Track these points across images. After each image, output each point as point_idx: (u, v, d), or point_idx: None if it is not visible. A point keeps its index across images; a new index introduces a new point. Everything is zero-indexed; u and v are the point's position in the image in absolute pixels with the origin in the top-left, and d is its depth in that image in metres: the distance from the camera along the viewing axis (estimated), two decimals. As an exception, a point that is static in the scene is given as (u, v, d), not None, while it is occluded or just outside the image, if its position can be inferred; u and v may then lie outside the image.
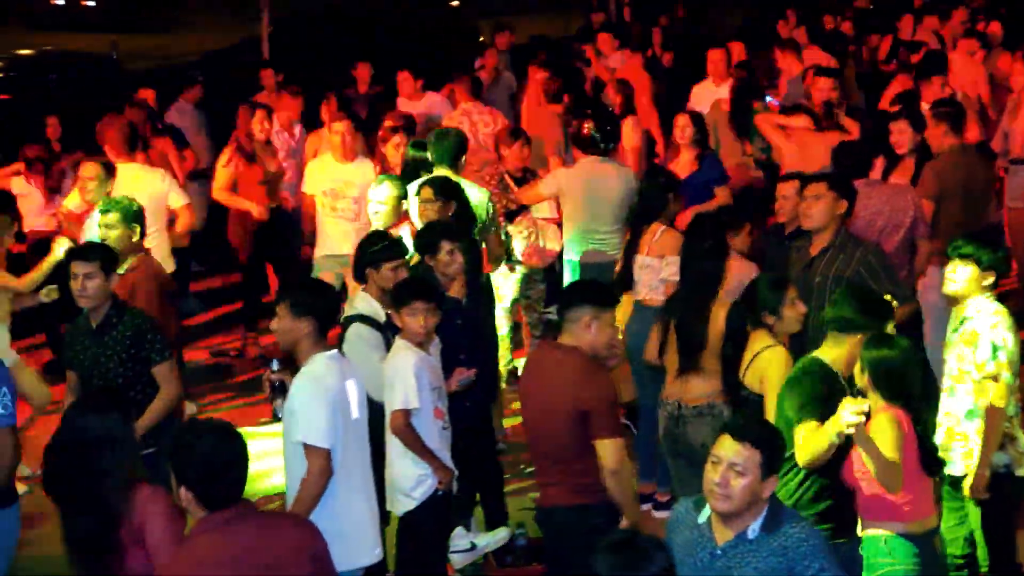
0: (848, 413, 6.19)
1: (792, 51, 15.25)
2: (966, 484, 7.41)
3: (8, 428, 7.14)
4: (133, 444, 6.19)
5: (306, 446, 6.73)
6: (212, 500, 5.30)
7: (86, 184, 10.23)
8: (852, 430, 6.21)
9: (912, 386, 6.59)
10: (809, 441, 6.53)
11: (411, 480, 7.65)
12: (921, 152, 10.64)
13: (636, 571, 4.61)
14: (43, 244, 10.82)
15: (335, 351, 6.99)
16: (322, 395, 6.75)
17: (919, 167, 10.50)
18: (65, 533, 6.05)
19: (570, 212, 10.88)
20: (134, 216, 9.10)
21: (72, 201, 10.91)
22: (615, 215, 10.60)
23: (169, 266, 10.58)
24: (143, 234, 9.23)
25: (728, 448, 5.29)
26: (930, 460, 6.56)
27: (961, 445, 7.48)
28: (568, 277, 10.74)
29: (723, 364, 7.90)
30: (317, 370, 6.81)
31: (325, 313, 6.94)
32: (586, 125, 10.94)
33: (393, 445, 7.63)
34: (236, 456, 5.40)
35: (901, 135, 10.58)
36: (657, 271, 9.30)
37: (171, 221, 11.03)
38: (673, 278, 9.05)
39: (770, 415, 7.36)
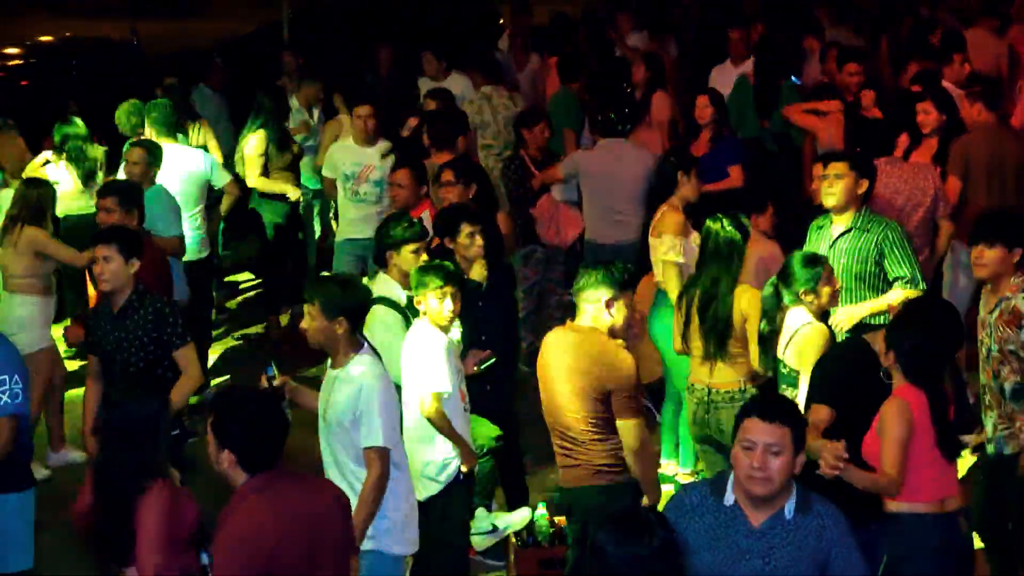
0: (827, 462, 6.10)
1: (815, 32, 15.22)
2: (1022, 462, 7.41)
3: (8, 416, 7.21)
4: (167, 433, 6.38)
5: (373, 449, 6.72)
6: (253, 463, 5.44)
7: (132, 168, 10.28)
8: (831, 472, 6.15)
9: (940, 368, 6.57)
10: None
11: (437, 464, 7.68)
12: (945, 131, 10.60)
13: (639, 544, 4.66)
14: (81, 228, 10.86)
15: (369, 348, 6.93)
16: (383, 398, 6.75)
17: (943, 146, 10.46)
18: (100, 516, 6.16)
19: (589, 193, 10.93)
20: (132, 199, 9.16)
21: None
22: (634, 196, 10.63)
23: (206, 249, 10.64)
24: (142, 217, 9.27)
25: (761, 431, 5.22)
26: (948, 444, 6.50)
27: (1005, 426, 7.47)
28: (590, 258, 10.75)
29: (760, 343, 7.88)
30: (369, 374, 6.76)
31: (358, 310, 6.90)
32: (606, 107, 10.95)
33: (416, 430, 7.63)
34: (277, 421, 5.55)
35: (926, 115, 10.57)
36: (655, 250, 9.36)
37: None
38: (666, 257, 9.06)
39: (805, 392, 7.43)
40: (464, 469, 7.77)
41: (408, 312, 8.08)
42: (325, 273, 11.67)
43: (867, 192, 8.67)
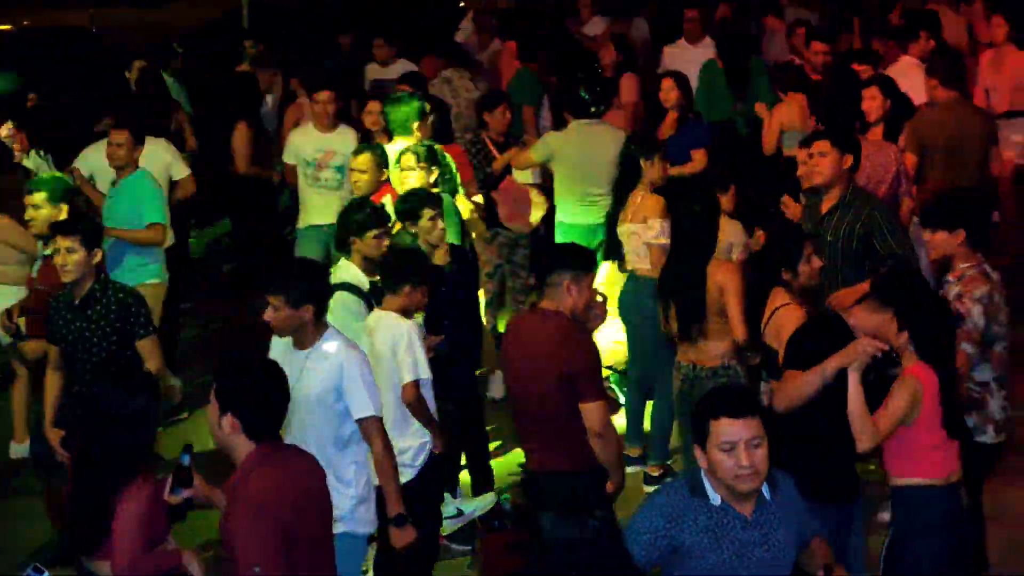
0: (864, 348, 6.21)
1: (774, 11, 15.25)
2: None
3: None
4: (155, 424, 6.37)
5: (370, 420, 6.81)
6: (256, 429, 5.45)
7: (116, 151, 10.21)
8: (856, 366, 6.23)
9: (952, 347, 6.61)
10: (792, 383, 6.52)
11: (412, 449, 7.66)
12: (891, 117, 10.57)
13: (577, 527, 4.65)
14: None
15: (334, 329, 6.96)
16: (366, 369, 6.85)
17: (890, 132, 10.44)
18: (71, 506, 6.16)
19: (563, 175, 10.87)
20: (62, 195, 9.11)
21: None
22: (608, 177, 10.59)
23: (168, 239, 10.61)
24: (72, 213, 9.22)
25: (738, 429, 5.15)
26: (955, 422, 6.53)
27: None
28: (560, 239, 10.73)
29: (746, 321, 7.95)
30: (345, 349, 6.84)
31: (323, 294, 6.97)
32: (580, 87, 10.93)
33: (392, 418, 7.57)
34: (282, 387, 5.56)
35: (872, 101, 10.49)
36: (641, 236, 9.30)
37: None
38: (656, 240, 9.05)
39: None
40: (436, 452, 7.78)
41: (371, 298, 8.06)
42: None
43: (853, 167, 8.68)
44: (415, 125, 10.30)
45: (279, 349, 6.95)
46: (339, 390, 6.74)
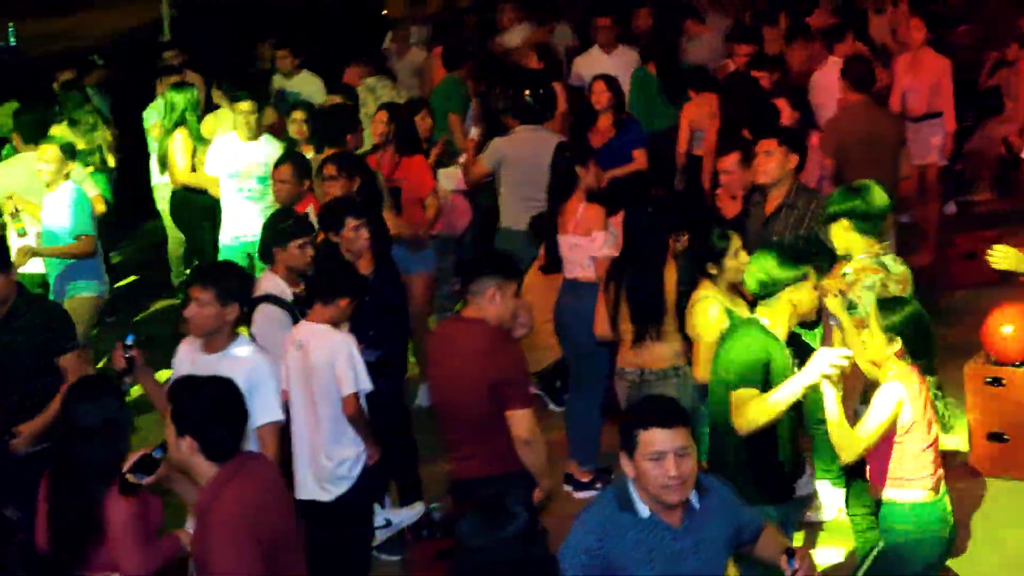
0: (827, 361, 6.16)
1: (696, 16, 15.32)
2: None
3: None
4: (127, 430, 6.35)
5: (272, 424, 6.84)
6: (215, 449, 5.41)
7: (44, 170, 10.12)
8: (825, 381, 6.20)
9: (933, 345, 6.62)
10: (755, 406, 6.41)
11: (350, 461, 7.65)
12: (802, 125, 10.62)
13: (496, 531, 4.62)
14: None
15: (244, 336, 6.99)
16: (274, 376, 6.88)
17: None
18: (53, 521, 6.09)
19: (509, 181, 10.83)
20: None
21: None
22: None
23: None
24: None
25: (666, 438, 5.11)
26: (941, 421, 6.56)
27: None
28: (503, 245, 10.72)
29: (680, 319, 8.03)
30: (257, 353, 6.91)
31: (247, 299, 7.06)
32: (526, 94, 10.93)
33: (330, 431, 7.60)
34: (238, 405, 5.53)
35: (781, 113, 10.46)
36: (586, 249, 9.23)
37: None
38: (602, 253, 9.06)
39: (699, 365, 7.65)
40: (371, 463, 7.77)
41: (295, 309, 8.03)
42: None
43: (799, 167, 8.72)
44: (348, 136, 10.30)
45: (185, 356, 6.95)
46: (249, 394, 6.70)
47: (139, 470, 5.80)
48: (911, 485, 6.42)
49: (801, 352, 6.67)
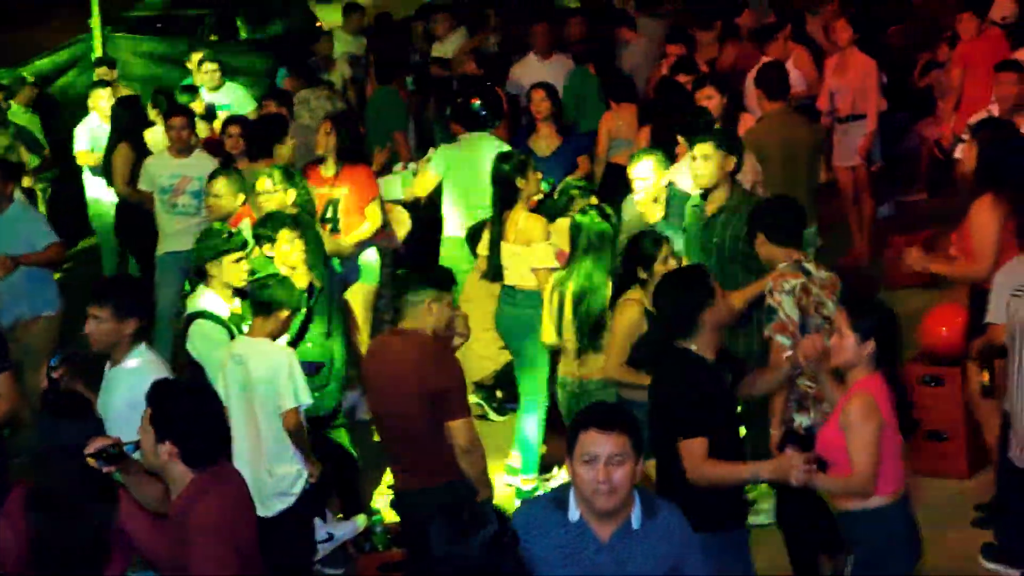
0: (799, 472, 6.09)
1: (627, 22, 15.36)
2: None
3: None
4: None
5: None
6: (195, 456, 5.37)
7: None
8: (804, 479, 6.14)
9: (901, 346, 6.61)
10: (717, 471, 6.26)
11: (291, 476, 7.64)
12: (728, 116, 10.65)
13: (466, 540, 4.55)
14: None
15: (146, 345, 6.93)
16: None
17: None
18: (48, 544, 5.92)
19: (455, 189, 10.80)
20: None
21: None
22: None
23: None
24: None
25: (601, 442, 5.01)
26: (907, 426, 6.48)
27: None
28: (447, 253, 10.72)
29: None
30: (147, 364, 6.78)
31: (146, 311, 6.98)
32: (473, 100, 10.91)
33: (271, 447, 7.58)
34: (219, 412, 5.51)
35: (710, 100, 10.45)
36: (526, 260, 9.23)
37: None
38: (542, 264, 9.05)
39: (609, 362, 7.74)
40: (312, 480, 7.75)
41: (231, 326, 7.99)
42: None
43: (736, 169, 8.73)
44: (275, 146, 10.27)
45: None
46: (132, 408, 6.60)
47: (100, 457, 5.73)
48: (887, 489, 6.35)
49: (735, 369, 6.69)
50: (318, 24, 19.14)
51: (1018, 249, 7.70)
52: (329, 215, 10.29)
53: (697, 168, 8.64)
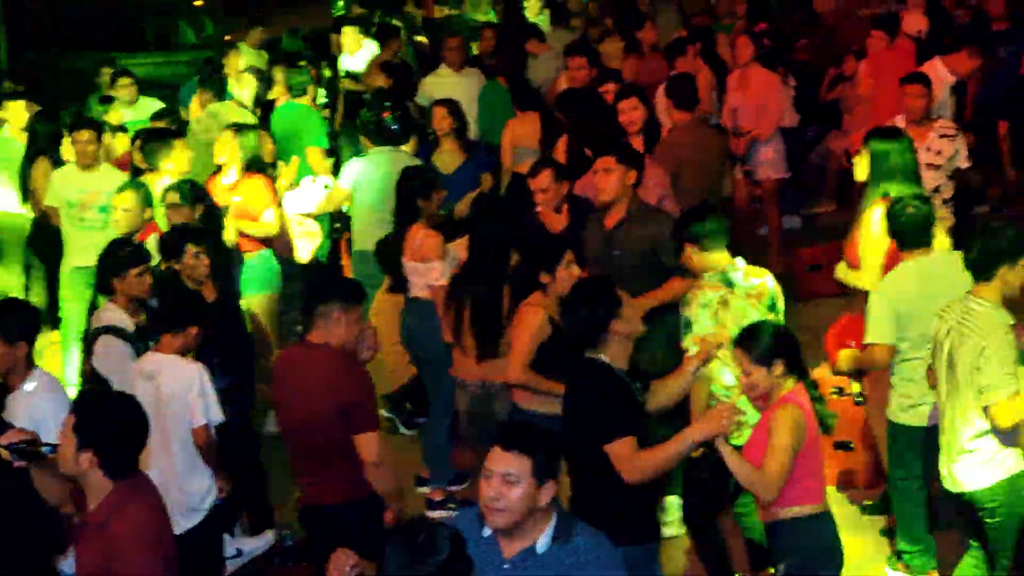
0: (727, 421, 6.14)
1: (536, 36, 15.42)
2: None
3: None
4: None
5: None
6: (115, 465, 5.39)
7: None
8: (720, 440, 6.18)
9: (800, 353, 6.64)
10: (649, 456, 6.29)
11: (202, 492, 7.62)
12: (647, 128, 10.70)
13: (421, 561, 4.51)
14: None
15: (42, 370, 6.98)
16: (61, 408, 6.64)
17: (650, 143, 10.57)
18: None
19: (364, 203, 10.78)
20: None
21: None
22: None
23: None
24: None
25: (498, 459, 5.01)
26: (822, 422, 6.57)
27: None
28: (356, 267, 10.70)
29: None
30: (44, 386, 6.83)
31: (35, 331, 7.00)
32: (384, 115, 10.88)
33: (182, 462, 7.55)
34: (141, 422, 5.50)
35: (634, 112, 10.49)
36: (424, 276, 9.24)
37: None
38: (438, 282, 9.04)
39: (512, 366, 7.73)
40: (222, 496, 7.73)
41: (137, 339, 7.92)
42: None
43: (636, 182, 8.77)
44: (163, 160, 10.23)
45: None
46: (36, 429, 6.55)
47: (14, 450, 5.79)
48: (804, 501, 6.44)
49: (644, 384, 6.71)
50: (227, 38, 19.06)
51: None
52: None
53: (598, 181, 8.69)
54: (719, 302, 7.44)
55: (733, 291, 7.50)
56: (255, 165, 10.65)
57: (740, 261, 7.68)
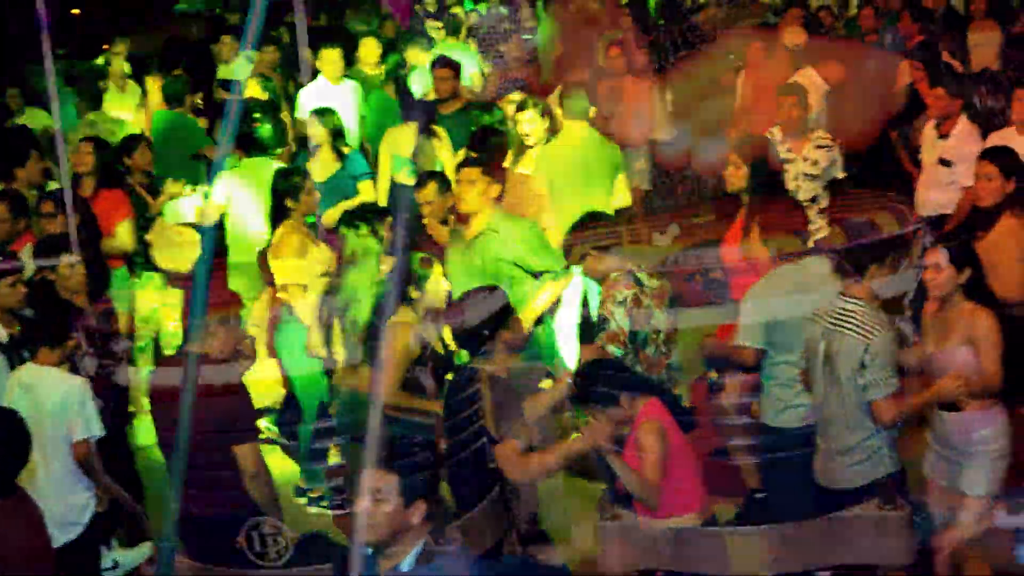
0: (604, 432, 6.29)
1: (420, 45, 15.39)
2: None
3: None
4: None
5: None
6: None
7: None
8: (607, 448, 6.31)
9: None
10: (535, 463, 6.49)
11: (79, 506, 7.54)
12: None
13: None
14: None
15: None
16: None
17: None
18: None
19: (238, 214, 10.77)
20: None
21: None
22: None
23: None
24: None
25: (371, 476, 5.02)
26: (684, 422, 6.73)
27: None
28: (234, 278, 10.53)
29: None
30: None
31: None
32: (255, 125, 10.84)
33: (61, 476, 7.46)
34: (23, 440, 5.53)
35: (532, 125, 10.49)
36: (280, 273, 9.22)
37: None
38: (289, 280, 9.02)
39: (388, 386, 7.66)
40: (100, 509, 7.67)
41: (10, 350, 7.83)
42: None
43: (500, 195, 8.86)
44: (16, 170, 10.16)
45: None
46: None
47: None
48: (685, 511, 6.57)
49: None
50: (104, 47, 18.86)
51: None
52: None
53: (460, 193, 8.78)
54: (632, 300, 7.54)
55: (644, 291, 7.59)
56: (110, 176, 10.53)
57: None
